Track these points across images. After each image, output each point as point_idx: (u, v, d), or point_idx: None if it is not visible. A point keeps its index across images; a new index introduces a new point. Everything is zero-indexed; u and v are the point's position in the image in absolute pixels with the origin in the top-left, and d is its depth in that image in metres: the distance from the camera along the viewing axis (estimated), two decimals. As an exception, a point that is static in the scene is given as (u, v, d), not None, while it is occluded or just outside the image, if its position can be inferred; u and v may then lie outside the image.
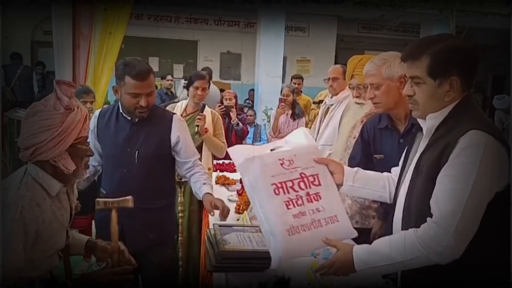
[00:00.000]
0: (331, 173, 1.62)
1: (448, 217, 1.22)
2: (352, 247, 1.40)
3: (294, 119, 4.86)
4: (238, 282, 1.69)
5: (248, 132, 4.70)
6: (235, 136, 4.52)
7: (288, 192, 1.51)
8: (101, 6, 4.39)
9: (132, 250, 1.75)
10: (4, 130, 5.87)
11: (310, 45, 9.93)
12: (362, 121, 2.52)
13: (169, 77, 7.61)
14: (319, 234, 1.48)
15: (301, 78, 5.80)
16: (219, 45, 9.93)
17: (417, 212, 1.37)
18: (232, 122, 4.33)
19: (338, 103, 3.24)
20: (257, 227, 1.99)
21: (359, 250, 1.38)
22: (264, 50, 8.26)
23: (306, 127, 4.84)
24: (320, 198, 1.54)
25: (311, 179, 1.57)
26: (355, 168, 1.72)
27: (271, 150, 1.65)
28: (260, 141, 5.93)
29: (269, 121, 5.53)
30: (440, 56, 1.33)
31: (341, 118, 2.94)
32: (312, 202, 1.53)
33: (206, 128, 3.08)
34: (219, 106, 4.51)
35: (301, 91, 5.72)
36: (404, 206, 1.45)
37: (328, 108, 3.32)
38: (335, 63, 7.12)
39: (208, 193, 2.16)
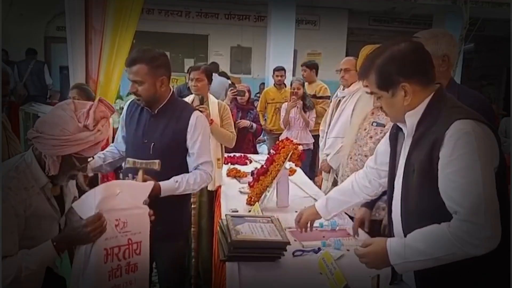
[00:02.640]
0: (311, 222, 1.87)
1: (475, 211, 1.23)
2: (386, 240, 1.39)
3: (305, 112, 4.88)
4: (250, 272, 1.72)
5: (262, 129, 4.75)
6: (252, 135, 4.59)
7: (112, 261, 1.49)
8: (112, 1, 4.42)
9: None
10: (19, 124, 5.97)
11: (321, 38, 9.88)
12: (372, 113, 2.52)
13: None
14: None
15: (283, 70, 5.71)
16: (229, 39, 9.94)
17: (417, 208, 1.39)
18: (246, 126, 4.44)
19: (350, 95, 3.23)
20: (269, 217, 2.02)
21: (394, 244, 1.37)
22: (274, 43, 8.25)
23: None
24: (137, 269, 1.55)
25: (134, 247, 1.56)
26: (324, 199, 1.89)
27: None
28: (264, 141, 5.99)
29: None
30: (382, 70, 1.38)
31: (353, 110, 2.94)
32: (128, 273, 1.53)
33: (211, 119, 3.10)
34: (231, 90, 4.56)
35: (284, 84, 5.65)
36: (401, 204, 1.46)
37: (340, 100, 3.32)
38: (346, 57, 7.08)
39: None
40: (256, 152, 4.61)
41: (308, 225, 1.93)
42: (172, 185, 2.08)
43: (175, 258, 2.30)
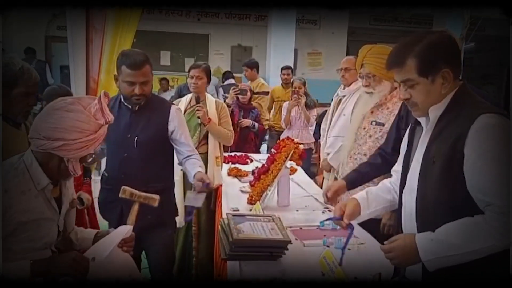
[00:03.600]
0: (352, 212, 1.70)
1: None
2: (414, 236, 1.37)
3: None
4: (251, 270, 1.72)
5: (264, 129, 4.76)
6: (254, 135, 4.61)
7: None
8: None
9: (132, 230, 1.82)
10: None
11: (322, 37, 9.87)
12: (372, 112, 2.52)
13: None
14: None
15: (290, 68, 5.84)
16: (230, 39, 9.94)
17: (436, 200, 1.39)
18: (248, 125, 4.48)
19: (351, 94, 3.24)
20: (270, 216, 2.02)
21: (423, 239, 1.34)
22: (275, 43, 8.25)
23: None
24: None
25: None
26: (364, 192, 1.79)
27: None
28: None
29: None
30: (424, 55, 1.38)
31: (353, 109, 2.94)
32: None
33: (209, 118, 3.11)
34: (234, 88, 4.57)
35: (291, 83, 5.69)
36: (417, 197, 1.46)
37: (340, 99, 3.32)
38: (346, 56, 7.08)
39: (199, 171, 2.26)
40: (258, 152, 4.62)
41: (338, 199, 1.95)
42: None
43: (166, 245, 2.44)
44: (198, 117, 3.09)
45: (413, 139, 1.58)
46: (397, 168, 1.71)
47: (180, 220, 2.82)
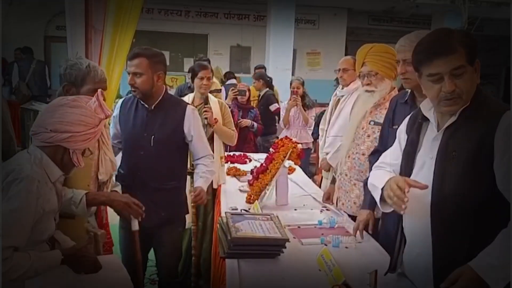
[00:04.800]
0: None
1: None
2: (471, 268, 1.26)
3: (304, 110, 4.91)
4: (250, 269, 1.73)
5: (262, 128, 4.78)
6: (253, 134, 4.62)
7: None
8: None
9: (144, 226, 2.00)
10: (20, 122, 5.99)
11: (320, 37, 9.89)
12: (371, 112, 2.53)
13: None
14: None
15: (263, 68, 6.13)
16: (229, 39, 9.95)
17: (454, 194, 1.38)
18: (248, 125, 4.52)
19: (349, 94, 3.25)
20: (268, 215, 2.04)
21: (485, 270, 1.24)
22: (274, 43, 8.26)
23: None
24: None
25: None
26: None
27: None
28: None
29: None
30: (471, 44, 1.38)
31: (351, 109, 2.96)
32: None
33: (215, 119, 3.12)
34: (232, 89, 4.59)
35: None
36: (433, 191, 1.42)
37: (339, 99, 3.34)
38: (345, 56, 7.09)
39: (198, 186, 2.41)
40: (257, 151, 4.63)
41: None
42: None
43: (175, 243, 2.52)
44: (206, 118, 3.09)
45: (419, 135, 1.55)
46: (394, 162, 1.65)
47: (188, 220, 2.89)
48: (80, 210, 1.80)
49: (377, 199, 1.60)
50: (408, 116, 1.66)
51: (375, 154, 2.29)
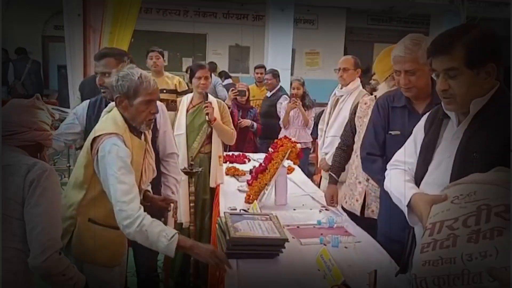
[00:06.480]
0: None
1: None
2: None
3: (304, 110, 4.89)
4: (249, 269, 1.73)
5: (262, 128, 4.78)
6: (252, 134, 4.62)
7: None
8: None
9: None
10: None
11: (319, 37, 9.89)
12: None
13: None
14: None
15: (263, 67, 5.89)
16: (227, 38, 9.94)
17: None
18: (248, 125, 4.52)
19: (348, 94, 3.25)
20: (267, 215, 2.03)
21: None
22: (273, 43, 8.26)
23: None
24: None
25: None
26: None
27: None
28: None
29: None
30: (476, 45, 1.33)
31: (355, 114, 2.89)
32: None
33: (214, 117, 3.11)
34: (233, 90, 4.58)
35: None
36: None
37: (338, 99, 3.33)
38: (344, 56, 7.10)
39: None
40: (256, 151, 4.63)
41: None
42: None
43: None
44: (207, 114, 3.07)
45: (439, 132, 1.51)
46: (409, 160, 1.61)
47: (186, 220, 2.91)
48: (167, 247, 1.67)
49: (405, 212, 1.50)
50: (427, 113, 1.62)
51: (370, 158, 2.19)
